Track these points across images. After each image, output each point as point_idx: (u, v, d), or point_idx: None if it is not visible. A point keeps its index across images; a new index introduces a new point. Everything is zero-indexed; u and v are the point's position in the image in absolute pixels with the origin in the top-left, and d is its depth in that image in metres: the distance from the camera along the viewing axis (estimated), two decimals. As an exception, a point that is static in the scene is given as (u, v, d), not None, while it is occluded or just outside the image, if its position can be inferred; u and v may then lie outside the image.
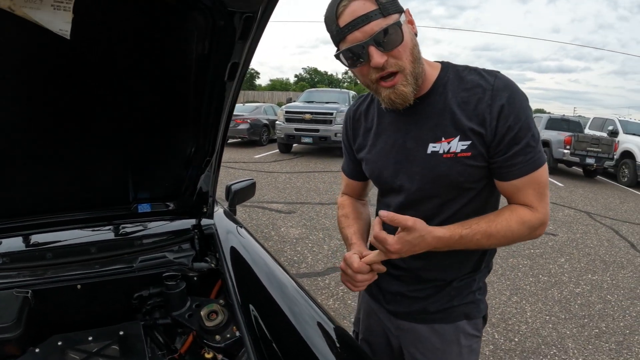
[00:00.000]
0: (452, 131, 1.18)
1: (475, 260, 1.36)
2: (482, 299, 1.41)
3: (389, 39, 1.08)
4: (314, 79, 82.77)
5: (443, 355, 1.39)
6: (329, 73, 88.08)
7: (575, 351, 3.52)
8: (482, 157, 1.18)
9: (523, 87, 1.20)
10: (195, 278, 1.71)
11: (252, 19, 1.16)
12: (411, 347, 1.43)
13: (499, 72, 1.20)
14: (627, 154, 13.16)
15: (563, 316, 4.12)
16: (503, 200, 1.31)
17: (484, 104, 1.15)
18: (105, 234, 1.82)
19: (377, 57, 1.09)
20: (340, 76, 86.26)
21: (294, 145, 13.91)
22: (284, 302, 1.52)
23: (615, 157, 13.13)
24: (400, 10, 1.12)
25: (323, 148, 13.91)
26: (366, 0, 1.07)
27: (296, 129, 12.54)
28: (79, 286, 1.54)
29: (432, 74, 1.24)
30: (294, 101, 14.99)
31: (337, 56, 1.16)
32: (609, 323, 4.07)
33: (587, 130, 15.29)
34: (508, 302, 4.27)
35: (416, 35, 1.18)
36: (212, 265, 1.77)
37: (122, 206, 1.83)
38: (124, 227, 1.88)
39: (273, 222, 6.03)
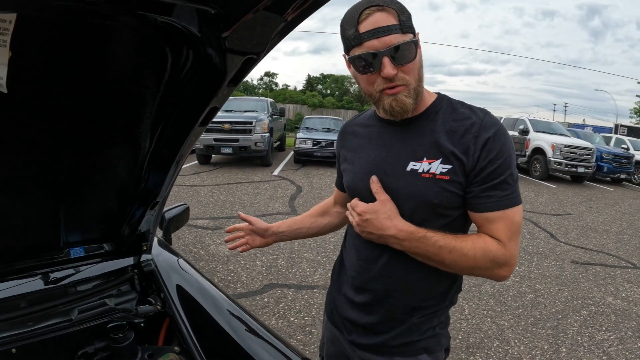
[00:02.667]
0: (435, 153, 1.22)
1: (441, 292, 1.36)
2: (443, 332, 1.41)
3: (403, 54, 1.14)
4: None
5: None
6: (244, 79, 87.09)
7: (516, 340, 3.76)
8: (459, 185, 1.21)
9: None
10: (141, 324, 1.60)
11: (253, 61, 1.06)
12: None
13: (489, 111, 1.25)
14: (538, 150, 14.50)
15: (499, 309, 4.36)
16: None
17: (470, 135, 1.19)
18: (34, 283, 1.64)
19: (390, 68, 1.14)
20: (255, 82, 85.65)
21: (213, 155, 13.62)
22: (244, 342, 1.47)
23: (527, 153, 14.29)
24: (414, 32, 1.18)
25: (243, 158, 13.73)
26: (389, 14, 1.13)
27: (215, 139, 12.26)
28: (13, 350, 1.37)
29: (428, 100, 1.30)
30: (211, 111, 14.65)
31: (351, 59, 1.20)
32: (542, 310, 4.39)
33: (499, 130, 16.35)
34: (442, 302, 4.41)
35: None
36: (158, 307, 1.67)
37: (52, 252, 1.67)
38: (54, 274, 1.72)
39: (201, 241, 5.86)
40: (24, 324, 1.46)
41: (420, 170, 1.23)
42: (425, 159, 1.23)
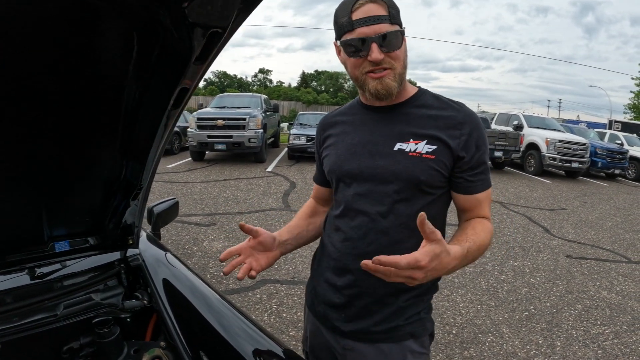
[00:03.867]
0: (421, 135, 1.29)
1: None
2: (427, 317, 1.42)
3: (391, 42, 1.22)
4: (223, 82, 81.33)
5: None
6: (238, 76, 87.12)
7: (511, 335, 3.74)
8: (444, 165, 1.28)
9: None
10: (128, 319, 1.56)
11: (219, 36, 0.99)
12: None
13: (463, 103, 1.36)
14: (532, 146, 14.54)
15: (493, 303, 4.35)
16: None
17: (455, 121, 1.29)
18: (19, 278, 1.60)
19: (377, 53, 1.21)
20: (249, 79, 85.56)
21: (207, 152, 13.57)
22: (231, 337, 1.43)
23: (521, 149, 14.36)
24: (401, 25, 1.26)
25: (237, 154, 13.70)
26: (380, 6, 1.21)
27: (209, 136, 12.24)
28: (-1, 345, 1.34)
29: (411, 90, 1.38)
30: (205, 107, 14.61)
31: (342, 43, 1.27)
32: (536, 305, 4.37)
33: (493, 126, 16.58)
34: (440, 296, 4.42)
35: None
36: (145, 302, 1.63)
37: (36, 247, 1.63)
38: (40, 269, 1.68)
39: (194, 237, 5.81)
40: (9, 319, 1.42)
41: (407, 150, 1.29)
42: (411, 140, 1.30)
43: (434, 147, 1.27)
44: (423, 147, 1.28)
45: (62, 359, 1.42)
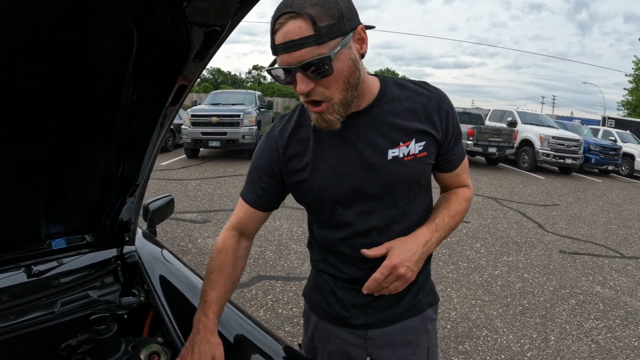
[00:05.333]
0: (407, 135, 1.24)
1: None
2: (433, 283, 1.53)
3: (317, 70, 1.04)
4: (217, 79, 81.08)
5: (416, 346, 1.44)
6: (232, 73, 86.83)
7: (505, 329, 3.77)
8: (434, 156, 1.30)
9: None
10: (125, 316, 1.57)
11: (217, 34, 0.99)
12: (382, 351, 1.43)
13: (426, 82, 1.33)
14: (526, 142, 14.62)
15: (487, 298, 4.37)
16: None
17: (431, 109, 1.25)
18: (16, 276, 1.60)
19: (302, 85, 1.06)
20: (243, 76, 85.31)
21: (201, 149, 13.54)
22: (228, 333, 1.44)
23: (515, 145, 14.41)
24: (344, 33, 1.04)
25: (231, 151, 13.65)
26: (303, 23, 0.99)
27: (203, 133, 12.19)
28: (-4, 343, 1.34)
29: (375, 86, 1.25)
30: (199, 104, 14.56)
31: (268, 71, 1.11)
32: (530, 299, 4.40)
33: (487, 122, 16.62)
34: (432, 292, 4.41)
35: (363, 56, 1.13)
36: (142, 298, 1.64)
37: (33, 244, 1.63)
38: (37, 267, 1.68)
39: (189, 234, 5.81)
40: (6, 317, 1.42)
41: (401, 155, 1.24)
42: (401, 143, 1.23)
43: (423, 142, 1.24)
44: (414, 147, 1.24)
45: (60, 356, 1.41)
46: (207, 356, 1.23)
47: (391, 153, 1.23)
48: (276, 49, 1.04)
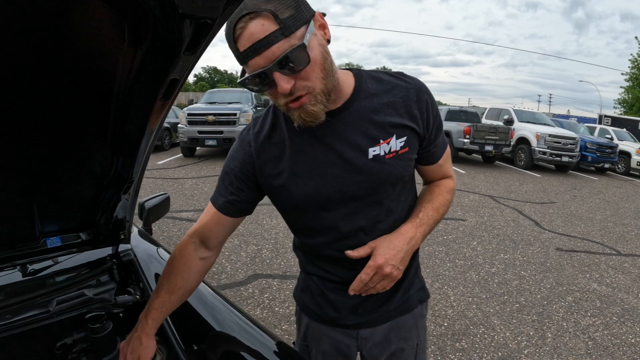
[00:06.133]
0: (388, 131, 1.19)
1: None
2: (423, 279, 1.51)
3: (294, 62, 0.99)
4: (213, 78, 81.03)
5: (407, 342, 1.45)
6: (228, 72, 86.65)
7: (502, 327, 3.78)
8: (415, 150, 1.26)
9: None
10: (120, 314, 1.56)
11: (208, 27, 0.95)
12: (374, 350, 1.43)
13: (402, 72, 1.28)
14: (523, 140, 14.66)
15: (484, 296, 4.38)
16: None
17: (410, 102, 1.21)
18: (11, 275, 1.58)
19: (283, 83, 1.01)
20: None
21: (198, 148, 13.52)
22: (224, 331, 1.44)
23: (511, 143, 14.46)
24: (306, 21, 1.01)
25: (228, 150, 13.60)
26: (265, 20, 0.96)
27: (199, 132, 12.19)
28: (-9, 342, 1.33)
29: (349, 81, 1.20)
30: (196, 102, 14.54)
31: (242, 83, 1.06)
32: (527, 297, 4.41)
33: (484, 120, 16.69)
34: (431, 289, 4.44)
35: (329, 42, 1.10)
36: (137, 297, 1.63)
37: (27, 243, 1.61)
38: (32, 266, 1.66)
39: (185, 233, 5.76)
40: (1, 316, 1.41)
41: (382, 154, 1.19)
42: (381, 141, 1.18)
43: (404, 138, 1.20)
44: (395, 143, 1.19)
45: (56, 355, 1.41)
46: (135, 355, 1.27)
47: (372, 152, 1.18)
48: (243, 56, 1.00)
